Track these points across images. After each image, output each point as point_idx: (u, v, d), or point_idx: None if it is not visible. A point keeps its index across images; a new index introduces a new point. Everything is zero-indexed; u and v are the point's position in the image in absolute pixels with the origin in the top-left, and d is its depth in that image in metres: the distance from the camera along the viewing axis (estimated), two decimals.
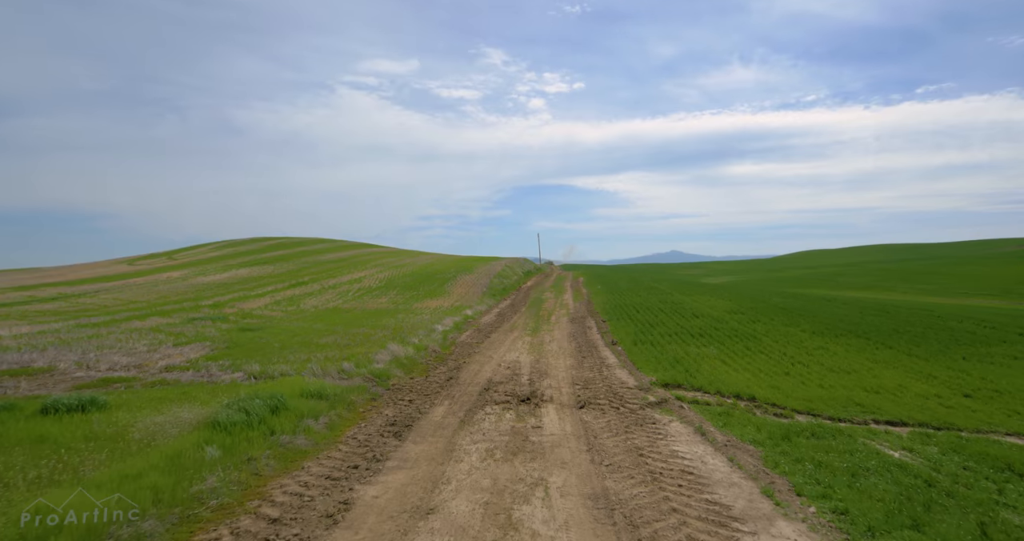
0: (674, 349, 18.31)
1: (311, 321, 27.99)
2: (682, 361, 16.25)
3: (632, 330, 22.42)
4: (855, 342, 19.92)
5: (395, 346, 17.21)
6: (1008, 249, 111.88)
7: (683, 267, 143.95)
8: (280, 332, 23.44)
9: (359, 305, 36.16)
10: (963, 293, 49.07)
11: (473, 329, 24.65)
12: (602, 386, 13.22)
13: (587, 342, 20.52)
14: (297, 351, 17.78)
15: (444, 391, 12.75)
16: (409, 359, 16.21)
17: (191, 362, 15.91)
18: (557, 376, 14.65)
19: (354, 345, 18.96)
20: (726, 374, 14.89)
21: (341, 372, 13.78)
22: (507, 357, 17.65)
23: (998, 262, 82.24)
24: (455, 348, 19.60)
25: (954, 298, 44.21)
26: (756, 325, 23.76)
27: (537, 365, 16.22)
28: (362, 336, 21.26)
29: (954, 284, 57.95)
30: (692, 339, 20.29)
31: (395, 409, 10.79)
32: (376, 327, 24.16)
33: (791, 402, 12.06)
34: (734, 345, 19.15)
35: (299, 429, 8.42)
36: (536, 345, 20.00)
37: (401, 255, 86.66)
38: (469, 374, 14.90)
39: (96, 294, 50.51)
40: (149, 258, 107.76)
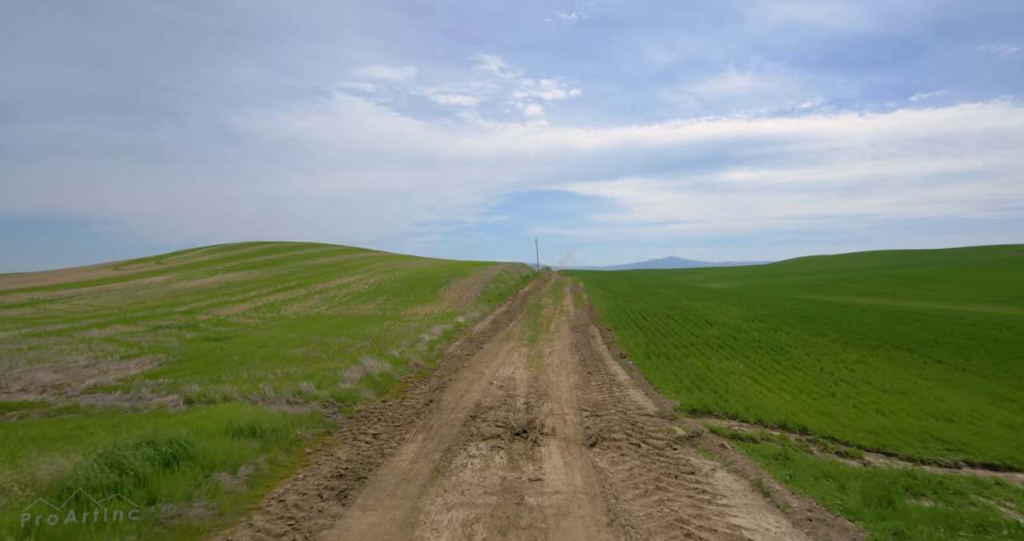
0: (693, 364, 15.88)
1: (286, 329, 25.48)
2: (706, 379, 13.82)
3: (642, 340, 19.98)
4: (897, 355, 17.53)
5: (370, 360, 14.73)
6: (1007, 255, 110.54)
7: (683, 273, 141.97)
8: (247, 342, 20.93)
9: (343, 311, 33.64)
10: (971, 300, 46.95)
11: (464, 338, 22.19)
12: (615, 412, 10.77)
13: (592, 354, 18.07)
14: (257, 366, 15.29)
15: (420, 420, 10.27)
16: (385, 376, 13.73)
17: (125, 380, 13.40)
18: (559, 398, 12.19)
19: (324, 358, 16.47)
20: (761, 395, 12.46)
21: (296, 395, 11.30)
22: (500, 373, 15.19)
23: (999, 268, 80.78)
24: (442, 361, 17.12)
25: (963, 304, 42.08)
26: (779, 334, 21.36)
27: (535, 383, 13.77)
28: (338, 347, 18.78)
29: (959, 290, 55.90)
30: (711, 351, 17.86)
31: (351, 449, 8.31)
32: (356, 336, 21.68)
33: (853, 435, 9.65)
34: (761, 358, 16.74)
35: (201, 490, 5.96)
36: (534, 358, 17.55)
37: (394, 259, 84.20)
38: (454, 395, 12.43)
39: (70, 300, 47.83)
40: (137, 263, 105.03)
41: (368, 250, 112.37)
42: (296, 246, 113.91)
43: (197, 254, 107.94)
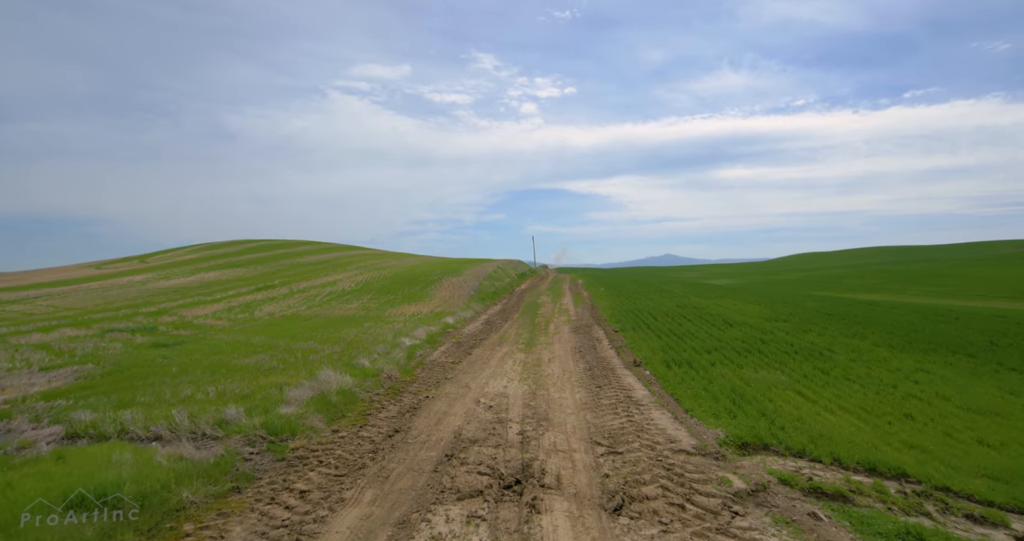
0: (723, 374, 13.16)
1: (254, 332, 22.66)
2: (745, 395, 11.10)
3: (656, 344, 17.26)
4: (958, 362, 14.87)
5: (330, 373, 11.94)
6: (1006, 251, 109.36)
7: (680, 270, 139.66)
8: (200, 349, 18.11)
9: (323, 312, 30.79)
10: (978, 296, 44.64)
11: (451, 342, 19.42)
12: (640, 447, 8.05)
13: (599, 362, 15.35)
14: (192, 381, 12.48)
15: (376, 464, 7.51)
16: (344, 394, 10.94)
17: (12, 403, 10.58)
18: (564, 424, 9.46)
19: (279, 370, 13.68)
20: (820, 418, 9.75)
21: (216, 426, 8.52)
22: (490, 387, 12.44)
23: (1001, 264, 79.37)
24: (421, 371, 14.35)
25: (973, 301, 39.71)
26: (810, 336, 18.68)
27: (533, 402, 11.03)
28: (301, 354, 16.00)
29: (965, 286, 53.71)
30: (740, 357, 15.15)
31: (256, 524, 5.54)
32: (328, 341, 18.89)
33: (972, 483, 6.95)
34: (801, 366, 14.04)
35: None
36: (531, 366, 14.81)
37: (386, 257, 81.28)
38: (429, 421, 9.68)
39: (34, 301, 44.76)
40: (121, 262, 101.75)
41: (360, 248, 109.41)
42: (286, 244, 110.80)
43: (184, 252, 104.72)
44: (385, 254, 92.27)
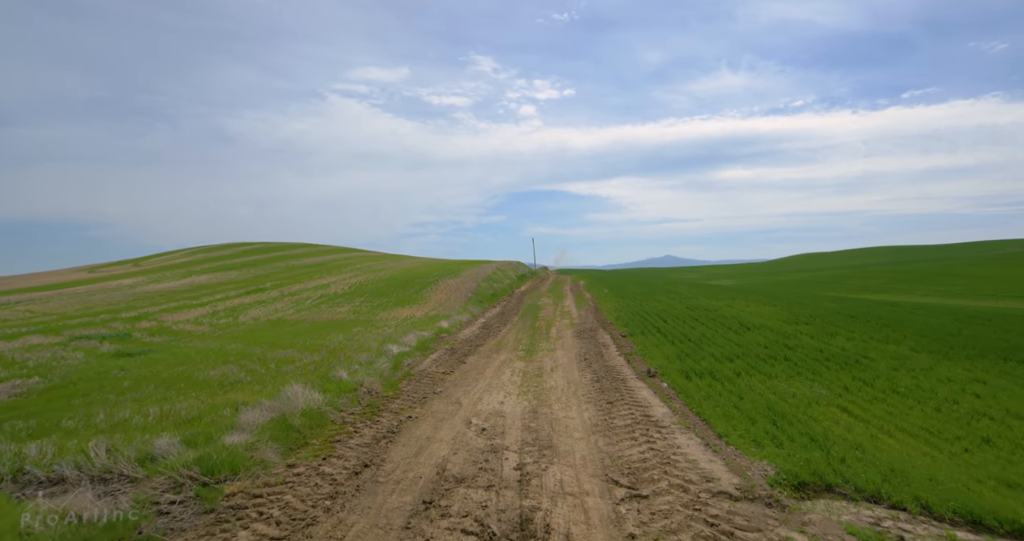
0: (753, 386, 11.46)
1: (231, 339, 20.98)
2: (783, 414, 9.40)
3: (671, 351, 15.56)
4: (1015, 370, 13.15)
5: (298, 388, 10.25)
6: (1009, 251, 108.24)
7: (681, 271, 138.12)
8: (167, 358, 16.44)
9: (311, 316, 29.11)
10: (990, 295, 43.02)
11: (445, 349, 17.73)
12: (669, 487, 6.37)
13: (608, 371, 13.65)
14: (142, 397, 10.80)
15: (331, 516, 5.82)
16: (311, 415, 9.25)
17: None
18: (572, 454, 7.77)
19: (244, 384, 12.00)
20: (880, 443, 8.06)
21: (141, 461, 6.84)
22: (484, 403, 10.75)
23: (1007, 263, 78.23)
24: (407, 384, 12.65)
25: (985, 300, 38.09)
26: (838, 341, 16.99)
27: (534, 424, 9.34)
28: (275, 364, 14.32)
29: (976, 286, 52.12)
30: (767, 366, 13.46)
31: None
32: (309, 348, 17.21)
33: None
34: (838, 376, 12.34)
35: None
36: (532, 377, 13.12)
37: (383, 259, 79.65)
38: (407, 451, 7.98)
39: (13, 306, 43.08)
40: (115, 265, 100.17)
41: (358, 250, 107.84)
42: (283, 246, 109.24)
43: (178, 256, 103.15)
44: (382, 256, 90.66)
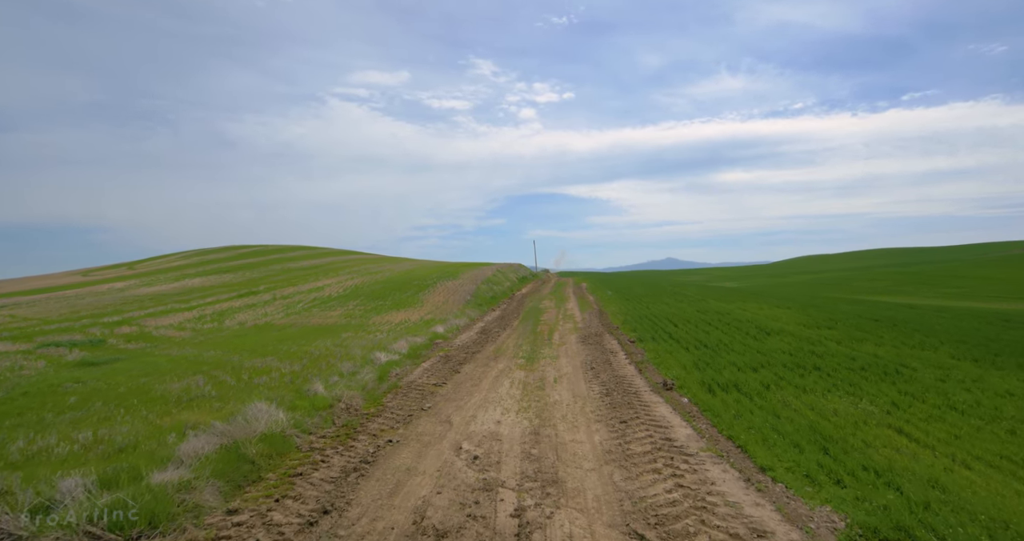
0: (786, 402, 9.98)
1: (210, 346, 19.55)
2: (832, 438, 7.92)
3: (687, 359, 14.07)
4: None
5: (262, 407, 8.79)
6: (1014, 252, 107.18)
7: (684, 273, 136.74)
8: (132, 368, 15.00)
9: (300, 320, 27.66)
10: (998, 297, 41.64)
11: (438, 356, 16.28)
12: None
13: (618, 383, 12.17)
14: (80, 418, 9.35)
15: None
16: (272, 441, 7.79)
17: None
18: (583, 494, 6.30)
19: (205, 399, 10.54)
20: (960, 479, 6.59)
21: (33, 512, 5.37)
22: (479, 423, 9.29)
23: (1013, 265, 77.39)
24: (392, 398, 11.18)
25: (992, 303, 36.65)
26: (868, 347, 15.50)
27: (536, 450, 7.87)
28: (248, 375, 12.87)
29: (985, 287, 50.76)
30: (795, 376, 11.97)
31: None
32: (289, 356, 15.77)
33: None
34: (880, 389, 10.86)
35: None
36: (533, 389, 11.66)
37: (381, 261, 78.25)
38: (380, 489, 6.52)
39: None
40: (109, 269, 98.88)
41: (357, 253, 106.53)
42: (281, 249, 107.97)
43: (174, 259, 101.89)
44: (381, 258, 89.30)
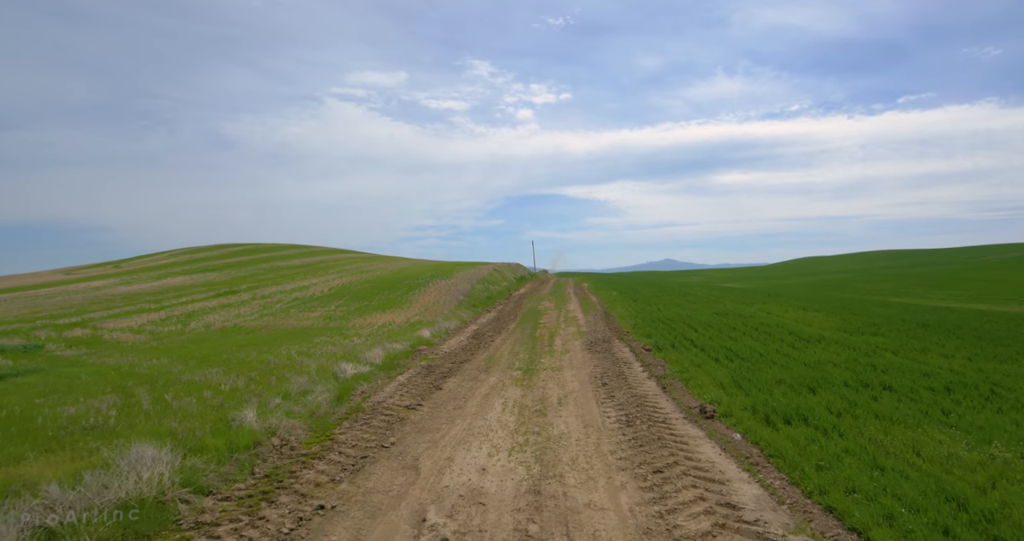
0: (876, 440, 7.32)
1: (160, 353, 16.86)
2: (971, 504, 5.32)
3: (720, 373, 11.40)
4: None
5: (148, 451, 6.13)
6: (1014, 255, 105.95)
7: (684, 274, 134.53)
8: (41, 383, 12.30)
9: (275, 322, 24.96)
10: (1011, 299, 39.43)
11: (419, 367, 13.62)
12: None
13: (639, 405, 9.51)
14: None
15: None
16: (143, 508, 5.12)
17: None
18: None
19: (90, 433, 7.86)
20: None
21: None
22: (456, 474, 6.63)
23: (1017, 267, 76.00)
24: (347, 429, 8.50)
25: (1008, 305, 34.31)
26: (935, 359, 12.88)
27: (535, 527, 5.19)
28: (176, 393, 10.18)
29: (993, 290, 48.56)
30: (866, 399, 9.32)
31: None
32: (241, 367, 13.08)
33: None
34: (990, 420, 8.22)
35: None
36: (532, 414, 9.00)
37: (374, 260, 75.53)
38: None
39: None
40: (94, 267, 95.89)
41: (350, 251, 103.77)
42: (273, 248, 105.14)
43: (161, 257, 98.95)
44: (375, 257, 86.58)
